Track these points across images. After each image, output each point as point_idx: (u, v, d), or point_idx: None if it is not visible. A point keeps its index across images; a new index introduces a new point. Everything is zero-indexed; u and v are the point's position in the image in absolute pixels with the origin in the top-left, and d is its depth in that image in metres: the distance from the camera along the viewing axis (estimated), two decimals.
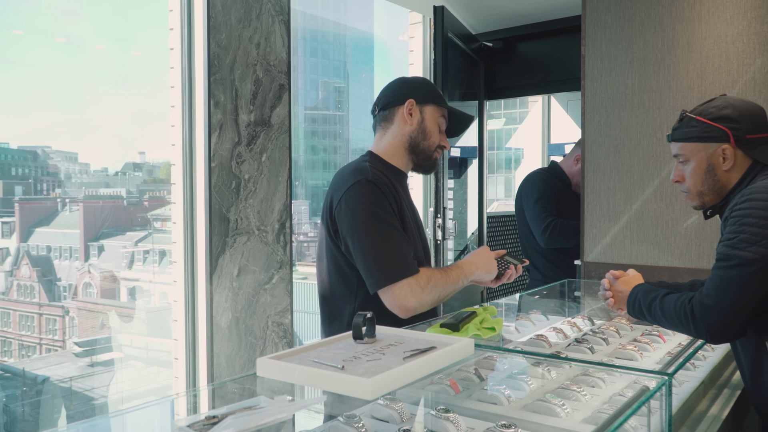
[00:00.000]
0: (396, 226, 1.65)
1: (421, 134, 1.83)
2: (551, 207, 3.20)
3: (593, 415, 1.28)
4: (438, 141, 1.85)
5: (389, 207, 1.67)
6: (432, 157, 1.86)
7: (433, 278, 1.62)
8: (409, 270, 1.58)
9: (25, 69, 4.80)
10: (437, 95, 1.86)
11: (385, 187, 1.70)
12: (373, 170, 1.72)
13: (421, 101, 1.83)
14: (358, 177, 1.68)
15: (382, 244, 1.60)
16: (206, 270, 2.62)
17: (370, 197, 1.65)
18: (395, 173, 1.83)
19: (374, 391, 1.09)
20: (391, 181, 1.76)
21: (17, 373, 4.47)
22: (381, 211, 1.64)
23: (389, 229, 1.63)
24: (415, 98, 1.83)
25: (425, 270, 1.63)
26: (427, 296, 1.60)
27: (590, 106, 3.07)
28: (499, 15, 4.39)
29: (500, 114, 9.91)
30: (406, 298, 1.57)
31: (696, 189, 1.62)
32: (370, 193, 1.65)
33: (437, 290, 1.62)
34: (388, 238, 1.61)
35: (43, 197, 5.36)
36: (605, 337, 1.90)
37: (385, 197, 1.67)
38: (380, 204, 1.65)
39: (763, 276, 1.39)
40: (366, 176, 1.68)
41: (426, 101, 1.84)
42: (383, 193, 1.67)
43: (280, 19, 2.86)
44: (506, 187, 10.39)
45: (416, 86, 1.86)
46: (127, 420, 1.16)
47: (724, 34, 2.73)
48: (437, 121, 1.84)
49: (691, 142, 1.60)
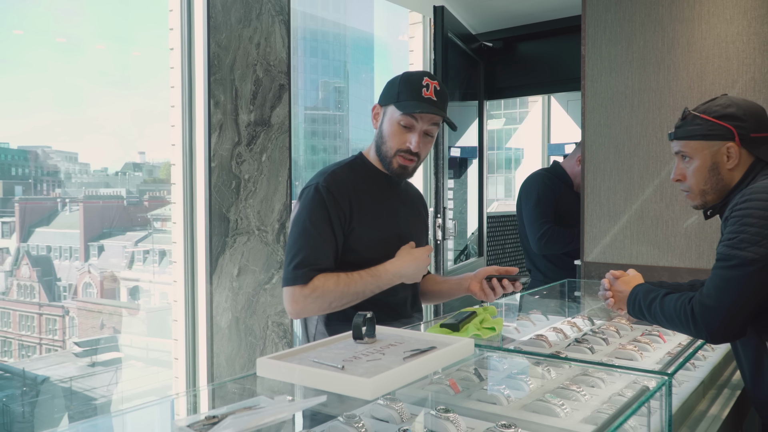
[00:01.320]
0: (320, 234, 1.66)
1: (380, 138, 1.77)
2: (549, 212, 3.19)
3: (593, 415, 1.28)
4: (396, 145, 1.74)
5: (326, 215, 1.67)
6: (392, 163, 1.75)
7: (324, 287, 1.63)
8: (296, 279, 1.63)
9: (25, 69, 4.80)
10: (397, 93, 1.73)
11: (339, 192, 1.69)
12: (335, 175, 1.72)
13: (383, 102, 1.77)
14: (313, 181, 1.72)
15: (291, 249, 1.67)
16: (206, 270, 2.63)
17: (310, 203, 1.68)
18: (374, 175, 1.79)
19: (374, 391, 1.09)
20: (355, 186, 1.73)
21: (17, 373, 4.47)
22: (311, 218, 1.67)
23: (306, 237, 1.66)
24: (379, 100, 1.79)
25: (323, 277, 1.63)
26: (311, 304, 1.63)
27: (590, 106, 3.07)
28: (499, 15, 4.39)
29: (500, 114, 9.91)
30: (288, 303, 1.66)
31: (699, 188, 1.61)
32: (312, 199, 1.68)
33: (326, 298, 1.63)
34: (299, 246, 1.66)
35: (43, 197, 5.36)
36: (605, 337, 1.90)
37: (326, 205, 1.67)
38: (317, 211, 1.67)
39: (763, 276, 1.39)
40: (320, 181, 1.70)
41: (386, 102, 1.76)
42: (329, 200, 1.67)
43: (280, 19, 2.86)
44: (506, 187, 10.39)
45: (386, 88, 1.79)
46: (127, 420, 1.16)
47: (724, 34, 2.73)
48: (398, 122, 1.72)
49: (696, 140, 1.58)
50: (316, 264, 1.64)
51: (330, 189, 1.69)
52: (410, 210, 1.91)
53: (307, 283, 1.63)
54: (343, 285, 1.65)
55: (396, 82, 1.75)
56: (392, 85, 1.76)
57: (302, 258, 1.64)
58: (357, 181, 1.76)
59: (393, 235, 1.78)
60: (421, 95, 1.70)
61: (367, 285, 1.68)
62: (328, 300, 1.64)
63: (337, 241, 1.69)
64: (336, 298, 1.65)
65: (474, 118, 4.56)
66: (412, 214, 1.92)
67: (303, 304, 1.64)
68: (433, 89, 1.72)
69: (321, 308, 1.66)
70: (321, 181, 1.70)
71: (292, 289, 1.64)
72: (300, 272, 1.63)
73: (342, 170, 1.76)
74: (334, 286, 1.64)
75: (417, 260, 1.73)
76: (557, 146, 5.84)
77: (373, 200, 1.77)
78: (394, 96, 1.73)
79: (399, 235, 1.80)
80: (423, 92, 1.71)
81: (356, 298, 1.68)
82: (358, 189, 1.74)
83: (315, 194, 1.69)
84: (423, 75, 1.74)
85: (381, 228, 1.77)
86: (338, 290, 1.64)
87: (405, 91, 1.72)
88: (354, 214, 1.71)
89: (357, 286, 1.67)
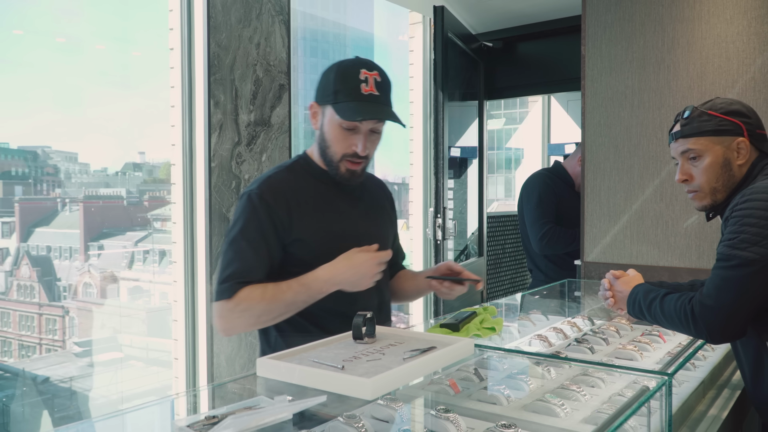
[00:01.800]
0: (251, 245, 1.52)
1: (323, 142, 1.60)
2: (551, 213, 3.19)
3: (593, 415, 1.28)
4: (342, 150, 1.56)
5: (259, 225, 1.53)
6: (339, 168, 1.59)
7: (249, 299, 1.48)
8: (221, 294, 1.50)
9: (25, 69, 4.80)
10: (334, 93, 1.53)
11: (275, 199, 1.55)
12: (270, 180, 1.59)
13: (320, 101, 1.58)
14: (248, 188, 1.59)
15: (221, 263, 1.54)
16: (206, 270, 2.63)
17: (241, 213, 1.56)
18: (319, 176, 1.64)
19: (374, 391, 1.09)
20: (295, 190, 1.59)
21: (17, 373, 4.47)
22: (242, 229, 1.53)
23: (235, 249, 1.53)
24: (315, 98, 1.60)
25: (249, 289, 1.49)
26: (238, 319, 1.49)
27: (590, 106, 3.06)
28: (499, 15, 4.39)
29: (500, 114, 9.91)
30: (216, 319, 1.52)
31: (710, 186, 1.58)
32: (243, 209, 1.55)
33: (253, 310, 1.49)
34: (228, 259, 1.53)
35: (43, 197, 5.36)
36: (605, 337, 1.90)
37: (259, 214, 1.53)
38: (248, 221, 1.54)
39: (763, 276, 1.39)
40: (253, 189, 1.56)
41: (323, 101, 1.57)
42: (262, 208, 1.53)
43: (280, 19, 2.86)
44: (506, 187, 10.39)
45: (318, 82, 1.59)
46: (127, 420, 1.16)
47: (724, 34, 2.73)
48: (339, 125, 1.54)
49: (706, 136, 1.57)
50: (244, 277, 1.50)
51: (263, 196, 1.54)
52: (369, 206, 1.74)
53: (232, 297, 1.49)
54: (270, 296, 1.49)
55: (331, 78, 1.55)
56: (327, 81, 1.56)
57: (231, 271, 1.50)
58: (298, 185, 1.60)
59: (347, 239, 1.60)
60: (360, 93, 1.51)
61: (296, 294, 1.50)
62: (256, 313, 1.49)
63: (271, 251, 1.54)
64: (264, 310, 1.49)
65: (474, 118, 4.56)
66: (372, 211, 1.74)
67: (229, 319, 1.50)
68: (374, 82, 1.52)
69: (249, 322, 1.52)
70: (254, 188, 1.57)
71: (218, 305, 1.51)
72: (226, 286, 1.50)
73: (279, 174, 1.61)
74: (260, 297, 1.48)
75: (354, 266, 1.49)
76: (557, 146, 5.84)
77: (319, 203, 1.61)
78: (330, 95, 1.54)
79: (356, 237, 1.62)
80: (362, 89, 1.51)
81: (287, 309, 1.51)
82: (299, 193, 1.59)
83: (247, 203, 1.55)
84: (360, 66, 1.53)
85: (330, 233, 1.60)
86: (265, 301, 1.48)
87: (342, 90, 1.52)
88: (295, 220, 1.56)
89: (286, 296, 1.49)
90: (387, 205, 1.82)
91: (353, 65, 1.54)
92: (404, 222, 4.73)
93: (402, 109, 4.40)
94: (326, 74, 1.57)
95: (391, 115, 1.55)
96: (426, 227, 4.16)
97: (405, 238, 4.82)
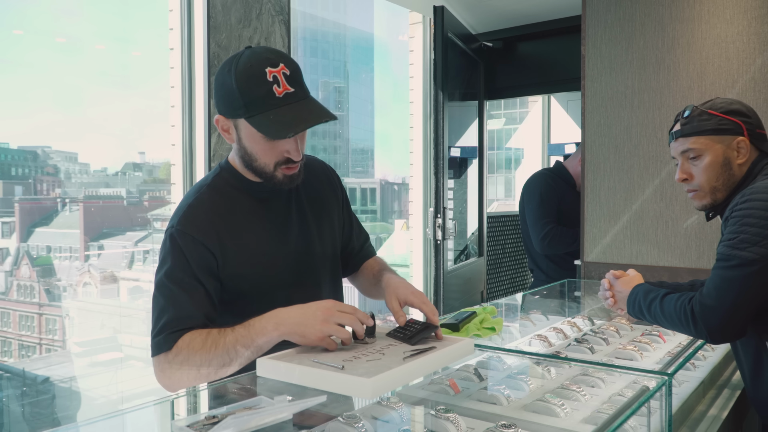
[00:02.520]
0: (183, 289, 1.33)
1: (246, 156, 1.39)
2: (552, 212, 3.19)
3: (593, 415, 1.28)
4: (273, 159, 1.37)
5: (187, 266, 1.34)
6: (275, 177, 1.39)
7: (190, 347, 1.28)
8: (160, 347, 1.31)
9: (25, 69, 4.80)
10: (244, 105, 1.30)
11: (200, 231, 1.36)
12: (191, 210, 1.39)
13: (230, 115, 1.36)
14: (169, 224, 1.40)
15: (154, 313, 1.35)
16: None
17: (166, 256, 1.36)
18: (246, 186, 1.45)
19: (374, 391, 1.09)
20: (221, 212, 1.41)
21: (17, 373, 4.47)
22: (168, 274, 1.34)
23: (166, 295, 1.34)
24: (220, 112, 1.38)
25: (190, 336, 1.29)
26: (177, 371, 1.29)
27: (590, 106, 3.06)
28: (499, 15, 4.39)
29: (500, 114, 9.91)
30: (157, 375, 1.33)
31: (710, 185, 1.58)
32: (168, 251, 1.36)
33: (193, 360, 1.27)
34: (160, 307, 1.33)
35: (43, 197, 5.36)
36: (605, 337, 1.90)
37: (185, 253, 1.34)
38: (175, 263, 1.34)
39: (763, 276, 1.39)
40: (173, 225, 1.38)
41: (234, 115, 1.34)
42: (187, 246, 1.35)
43: (280, 19, 2.86)
44: (506, 187, 10.39)
45: (217, 93, 1.37)
46: (127, 420, 1.16)
47: (724, 34, 2.73)
48: (260, 137, 1.33)
49: (706, 135, 1.57)
50: (181, 324, 1.30)
51: (186, 231, 1.35)
52: (311, 210, 1.54)
53: (171, 348, 1.29)
54: (211, 343, 1.27)
55: (232, 88, 1.31)
56: (230, 92, 1.32)
57: (164, 321, 1.31)
58: (224, 205, 1.42)
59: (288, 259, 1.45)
60: (275, 99, 1.30)
61: (237, 338, 1.26)
62: (196, 363, 1.27)
63: (207, 289, 1.35)
64: (204, 359, 1.26)
65: (474, 118, 4.56)
66: (315, 213, 1.55)
67: (169, 373, 1.29)
68: (284, 78, 1.31)
69: (190, 375, 1.28)
70: (175, 224, 1.37)
71: (157, 359, 1.31)
72: (161, 338, 1.30)
73: (201, 198, 1.41)
74: (200, 345, 1.27)
75: (304, 315, 1.24)
76: (557, 146, 5.83)
77: (251, 222, 1.43)
78: (239, 109, 1.31)
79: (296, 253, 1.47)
80: (276, 92, 1.30)
81: (228, 357, 1.26)
82: (225, 215, 1.41)
83: (170, 244, 1.36)
84: (264, 65, 1.30)
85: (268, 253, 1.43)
86: (205, 349, 1.26)
87: (252, 101, 1.30)
88: (227, 248, 1.38)
89: (227, 340, 1.26)
90: (327, 190, 1.60)
91: (255, 66, 1.30)
92: (404, 222, 4.73)
93: (402, 109, 4.41)
94: (223, 82, 1.34)
95: (321, 115, 1.33)
96: (426, 227, 4.16)
97: (405, 238, 4.82)
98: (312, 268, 1.51)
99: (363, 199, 11.32)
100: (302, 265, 1.48)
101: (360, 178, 11.43)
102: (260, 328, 1.26)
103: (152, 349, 1.32)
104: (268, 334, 1.25)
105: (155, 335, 1.32)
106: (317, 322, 1.23)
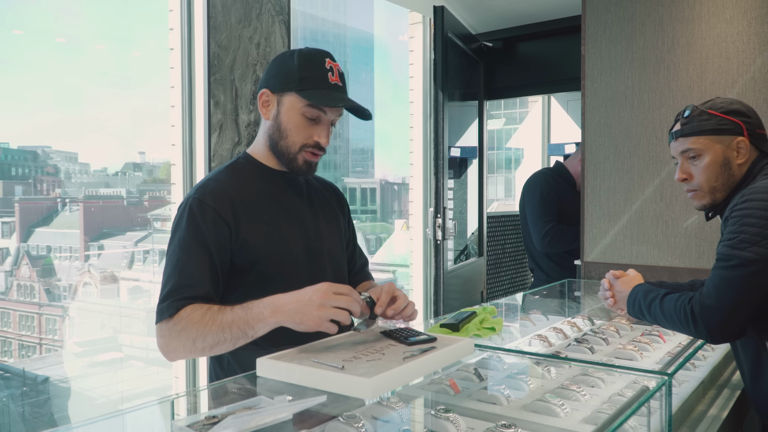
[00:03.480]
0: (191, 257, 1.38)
1: (277, 132, 1.49)
2: (553, 211, 3.19)
3: (593, 415, 1.28)
4: (302, 140, 1.47)
5: (200, 234, 1.39)
6: (296, 160, 1.48)
7: (189, 318, 1.32)
8: (162, 313, 1.35)
9: (25, 69, 4.79)
10: (300, 80, 1.44)
11: (217, 202, 1.42)
12: (209, 183, 1.47)
13: (277, 89, 1.47)
14: (189, 194, 1.46)
15: (163, 279, 1.40)
16: None
17: (180, 223, 1.43)
18: (264, 175, 1.52)
19: (374, 391, 1.09)
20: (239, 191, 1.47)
21: (17, 373, 4.47)
22: (181, 241, 1.40)
23: (175, 263, 1.39)
24: (268, 86, 1.48)
25: (191, 308, 1.33)
26: (175, 340, 1.33)
27: (590, 106, 3.07)
28: (499, 15, 4.39)
29: (500, 114, 9.91)
30: (158, 340, 1.38)
31: (709, 185, 1.59)
32: (182, 218, 1.42)
33: (189, 332, 1.31)
34: (168, 274, 1.39)
35: (43, 197, 5.36)
36: (605, 337, 1.90)
37: (198, 222, 1.40)
38: (187, 231, 1.40)
39: (763, 276, 1.39)
40: (191, 195, 1.44)
41: (283, 89, 1.46)
42: (202, 215, 1.40)
43: (280, 19, 2.86)
44: (506, 187, 10.39)
45: (273, 70, 1.49)
46: (127, 420, 1.16)
47: (724, 34, 2.73)
48: (302, 114, 1.45)
49: (706, 135, 1.57)
50: (184, 293, 1.35)
51: (203, 201, 1.41)
52: (318, 204, 1.61)
53: (173, 316, 1.34)
54: (209, 318, 1.31)
55: (294, 65, 1.45)
56: (288, 68, 1.46)
57: (169, 288, 1.36)
58: (242, 184, 1.49)
59: (296, 237, 1.50)
60: (328, 82, 1.44)
61: (234, 319, 1.30)
62: (192, 335, 1.31)
63: (215, 261, 1.40)
64: (199, 333, 1.30)
65: (474, 118, 4.56)
66: (321, 208, 1.62)
67: (168, 340, 1.34)
68: (338, 73, 1.47)
69: (186, 346, 1.33)
70: (193, 194, 1.44)
71: (159, 326, 1.36)
72: (165, 305, 1.35)
73: (221, 175, 1.50)
74: (199, 318, 1.31)
75: (299, 301, 1.26)
76: (557, 146, 5.84)
77: (266, 201, 1.49)
78: (294, 82, 1.44)
79: (305, 235, 1.53)
80: (329, 78, 1.45)
81: (223, 336, 1.30)
82: (243, 192, 1.47)
83: (186, 212, 1.42)
84: (324, 56, 1.46)
85: (278, 231, 1.48)
86: (203, 323, 1.31)
87: (309, 77, 1.44)
88: (241, 223, 1.43)
89: (224, 318, 1.30)
90: (335, 206, 1.69)
91: (317, 54, 1.47)
92: (404, 222, 4.72)
93: (402, 109, 4.40)
94: (284, 61, 1.48)
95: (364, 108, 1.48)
96: (426, 227, 4.16)
97: (405, 238, 4.82)
98: (321, 261, 1.55)
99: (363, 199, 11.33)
100: (312, 255, 1.53)
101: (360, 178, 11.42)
102: (257, 313, 1.29)
103: (156, 315, 1.37)
104: (265, 319, 1.29)
105: (160, 302, 1.37)
106: (314, 308, 1.25)
